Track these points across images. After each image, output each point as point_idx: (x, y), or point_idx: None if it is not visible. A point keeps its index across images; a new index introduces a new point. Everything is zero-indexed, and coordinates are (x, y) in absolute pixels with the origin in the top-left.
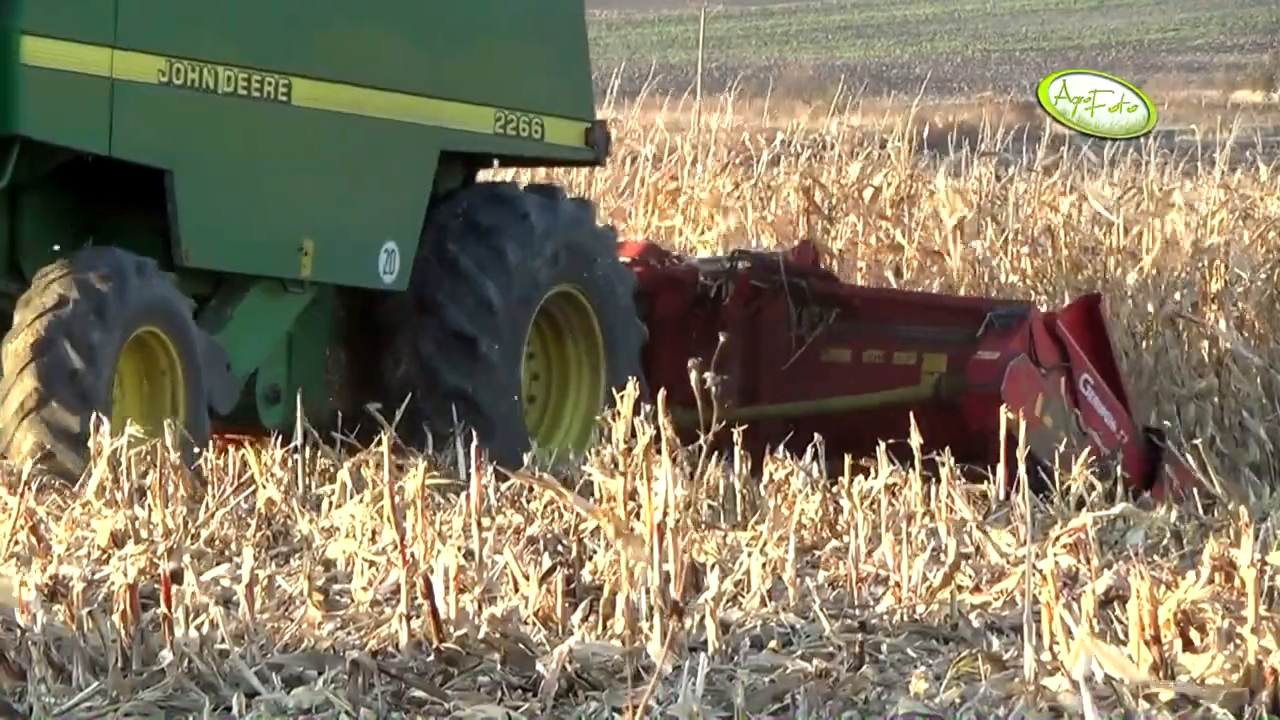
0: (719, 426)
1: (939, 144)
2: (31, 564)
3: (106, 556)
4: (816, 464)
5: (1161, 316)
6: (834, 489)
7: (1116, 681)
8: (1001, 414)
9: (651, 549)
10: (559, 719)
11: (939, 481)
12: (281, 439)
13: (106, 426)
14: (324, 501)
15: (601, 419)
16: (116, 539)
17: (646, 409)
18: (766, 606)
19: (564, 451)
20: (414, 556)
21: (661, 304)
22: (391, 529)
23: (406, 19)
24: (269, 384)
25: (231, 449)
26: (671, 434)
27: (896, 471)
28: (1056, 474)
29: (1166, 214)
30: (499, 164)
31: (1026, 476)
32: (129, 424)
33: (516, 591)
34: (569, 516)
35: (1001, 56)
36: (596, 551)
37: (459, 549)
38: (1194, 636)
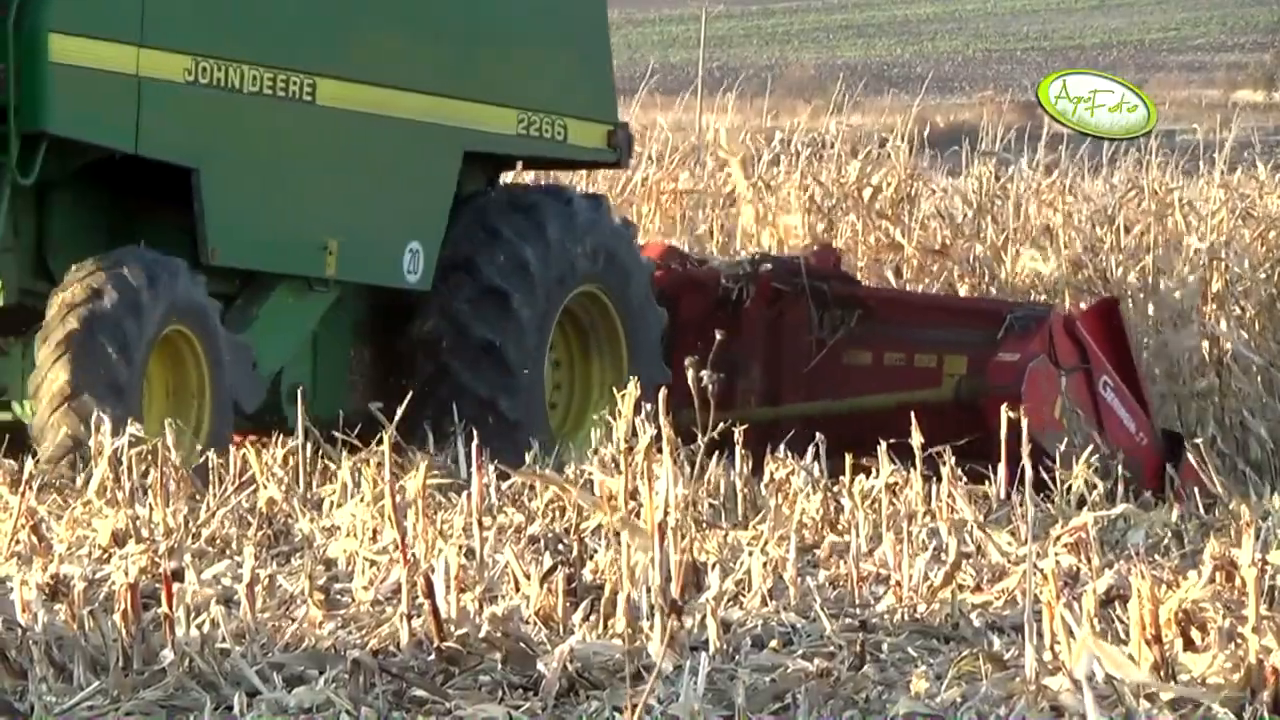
0: (742, 427)
1: (940, 143)
2: (33, 563)
3: (107, 556)
4: (817, 463)
5: (1162, 316)
6: (835, 488)
7: (1117, 681)
8: (1002, 413)
9: (652, 548)
10: (560, 718)
11: (940, 481)
12: (282, 438)
13: (108, 426)
14: (325, 501)
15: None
16: (117, 538)
17: (648, 408)
18: (767, 606)
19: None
20: (415, 556)
21: (684, 307)
22: (392, 528)
23: (431, 21)
24: (293, 383)
25: (232, 448)
26: (672, 433)
27: (897, 471)
28: (1057, 473)
29: (1167, 213)
30: (522, 166)
31: (1032, 476)
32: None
33: (517, 591)
34: (570, 515)
35: (1002, 56)
36: (597, 551)
37: (460, 548)
38: (1195, 636)
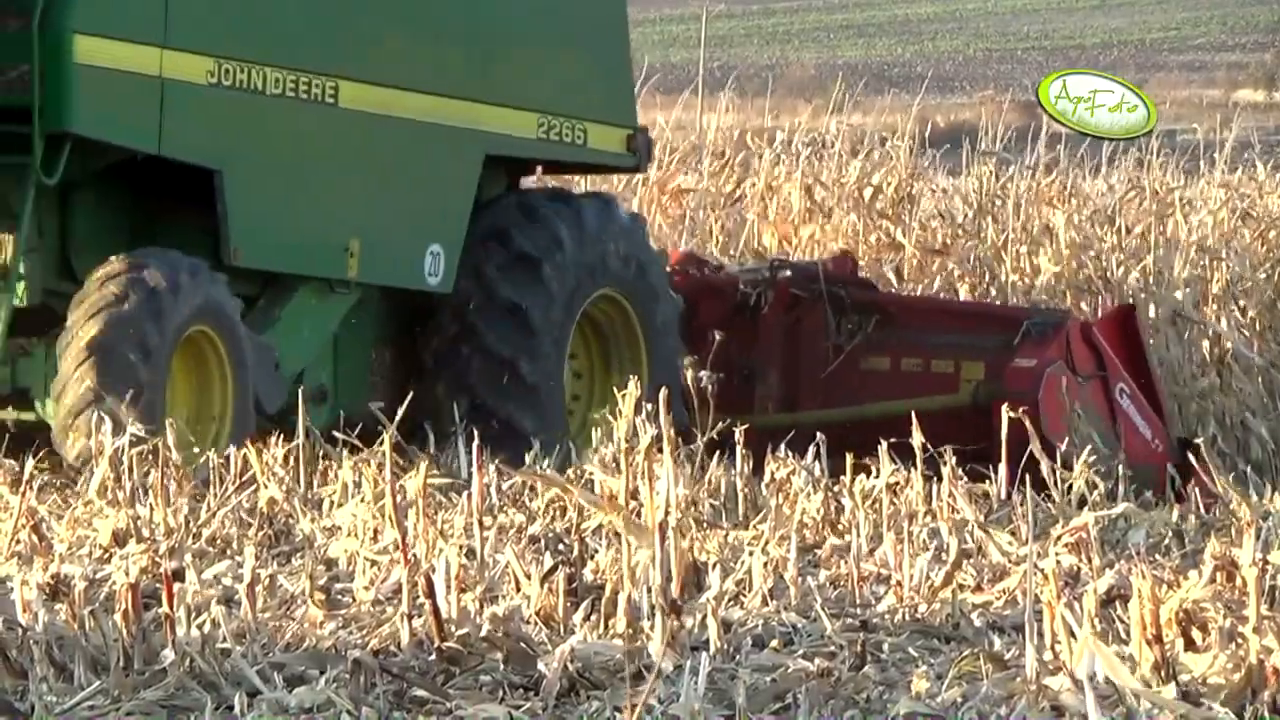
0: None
1: (940, 143)
2: (33, 563)
3: (108, 555)
4: (818, 463)
5: (1163, 316)
6: (835, 488)
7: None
8: (1004, 415)
9: (653, 548)
10: (560, 718)
11: (940, 480)
12: (283, 438)
13: (109, 426)
14: (325, 501)
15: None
16: (118, 538)
17: (648, 408)
18: (768, 606)
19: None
20: (416, 556)
21: (702, 312)
22: (393, 528)
23: (452, 24)
24: (315, 384)
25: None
26: (672, 433)
27: (898, 470)
28: (1058, 473)
29: (1167, 213)
30: (542, 170)
31: (1035, 477)
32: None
33: (518, 591)
34: (571, 515)
35: (1003, 55)
36: (598, 551)
37: (461, 548)
38: (1196, 636)
